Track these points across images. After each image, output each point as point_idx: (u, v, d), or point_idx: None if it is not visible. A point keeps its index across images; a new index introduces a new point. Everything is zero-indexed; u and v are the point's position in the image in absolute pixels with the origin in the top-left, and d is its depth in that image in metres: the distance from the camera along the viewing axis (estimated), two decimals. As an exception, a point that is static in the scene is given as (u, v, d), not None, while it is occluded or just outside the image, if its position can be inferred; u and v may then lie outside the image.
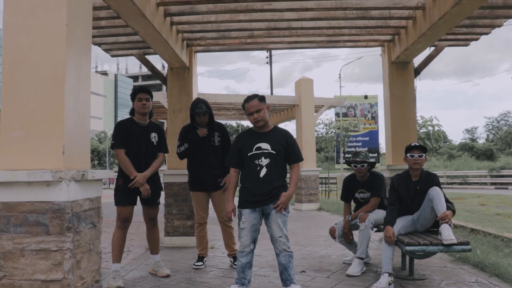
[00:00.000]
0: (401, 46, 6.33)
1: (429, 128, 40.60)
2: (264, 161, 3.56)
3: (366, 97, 34.62)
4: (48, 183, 2.50)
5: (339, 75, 37.57)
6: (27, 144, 2.57)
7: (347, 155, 31.20)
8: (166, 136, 5.04)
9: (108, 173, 3.17)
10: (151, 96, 4.51)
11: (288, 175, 3.77)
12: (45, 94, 2.59)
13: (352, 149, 31.71)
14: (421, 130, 39.55)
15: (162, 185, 5.20)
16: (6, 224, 2.54)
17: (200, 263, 4.95)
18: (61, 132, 2.56)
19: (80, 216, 2.67)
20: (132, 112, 4.55)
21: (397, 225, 4.23)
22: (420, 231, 4.36)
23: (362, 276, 4.44)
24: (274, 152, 3.57)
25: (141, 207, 4.51)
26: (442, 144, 43.77)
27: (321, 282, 4.23)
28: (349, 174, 5.23)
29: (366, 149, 31.00)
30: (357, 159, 4.90)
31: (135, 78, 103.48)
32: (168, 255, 5.64)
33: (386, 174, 6.49)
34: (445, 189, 4.30)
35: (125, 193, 4.30)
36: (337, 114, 33.63)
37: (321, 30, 6.34)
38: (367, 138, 34.52)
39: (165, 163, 7.73)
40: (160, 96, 11.42)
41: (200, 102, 4.78)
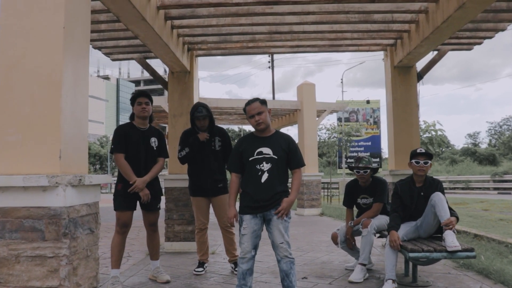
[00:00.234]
0: (404, 50, 6.28)
1: (432, 133, 40.51)
2: (266, 166, 3.49)
3: (368, 102, 34.56)
4: (44, 188, 2.45)
5: (341, 80, 37.62)
6: (23, 149, 2.53)
7: (349, 160, 31.13)
8: (167, 141, 5.00)
9: (106, 178, 3.13)
10: (151, 100, 4.49)
11: (290, 180, 3.72)
12: (42, 98, 2.55)
13: (354, 154, 31.63)
14: (424, 135, 39.44)
15: (163, 190, 5.15)
16: (1, 230, 2.48)
17: (201, 269, 4.89)
18: (58, 136, 2.52)
19: (77, 222, 2.62)
20: (132, 117, 4.53)
21: (400, 231, 4.18)
22: (423, 237, 4.31)
23: (365, 283, 4.38)
24: (276, 157, 3.51)
25: (141, 212, 4.46)
26: (445, 149, 43.64)
27: (323, 289, 4.17)
28: (352, 180, 5.17)
29: (368, 154, 30.87)
30: (360, 165, 4.84)
31: (137, 83, 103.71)
32: (169, 261, 5.58)
33: (389, 179, 6.43)
34: (448, 194, 4.25)
35: (124, 198, 4.26)
36: (339, 119, 33.60)
37: (323, 34, 6.30)
38: (369, 143, 34.44)
39: (166, 168, 7.69)
40: (162, 101, 11.45)
41: (200, 106, 4.74)
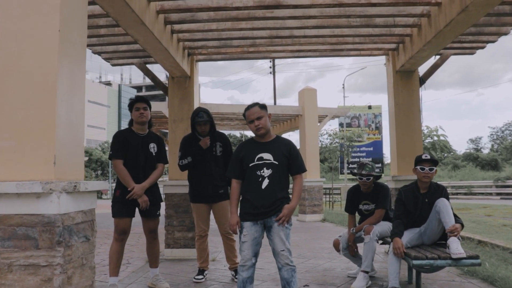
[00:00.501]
0: (406, 55, 6.22)
1: (435, 138, 40.40)
2: (266, 172, 3.42)
3: (370, 107, 34.49)
4: (38, 195, 2.38)
5: (343, 85, 37.71)
6: (17, 154, 2.46)
7: (351, 165, 31.02)
8: (167, 146, 4.94)
9: (103, 185, 3.06)
10: (149, 106, 4.44)
11: (291, 186, 3.65)
12: (36, 102, 2.48)
13: (356, 160, 31.53)
14: (426, 140, 39.33)
15: (163, 196, 5.08)
16: (-6, 238, 2.42)
17: (201, 277, 4.81)
18: (52, 142, 2.45)
19: (72, 230, 2.54)
20: (131, 123, 4.48)
21: (404, 238, 4.09)
22: (427, 244, 4.23)
23: (368, 291, 4.30)
24: (277, 163, 3.43)
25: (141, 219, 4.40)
26: (447, 154, 43.48)
27: (325, 298, 4.09)
28: (353, 185, 5.09)
29: (370, 159, 30.77)
30: (363, 172, 4.76)
31: (139, 89, 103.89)
32: (168, 268, 5.50)
33: (391, 185, 6.35)
34: (451, 200, 4.17)
35: (123, 205, 4.20)
36: (341, 124, 33.52)
37: (324, 39, 6.25)
38: (371, 148, 34.32)
39: (166, 174, 7.63)
40: (163, 106, 11.40)
41: (201, 111, 4.68)
